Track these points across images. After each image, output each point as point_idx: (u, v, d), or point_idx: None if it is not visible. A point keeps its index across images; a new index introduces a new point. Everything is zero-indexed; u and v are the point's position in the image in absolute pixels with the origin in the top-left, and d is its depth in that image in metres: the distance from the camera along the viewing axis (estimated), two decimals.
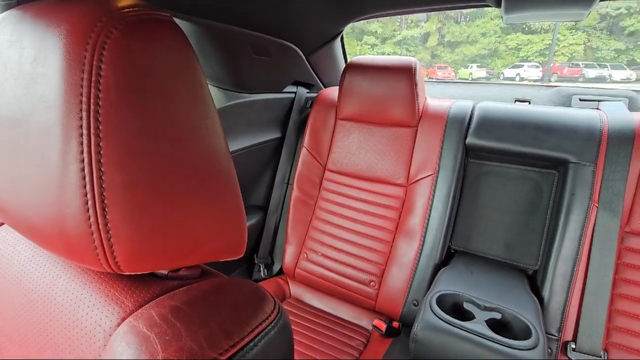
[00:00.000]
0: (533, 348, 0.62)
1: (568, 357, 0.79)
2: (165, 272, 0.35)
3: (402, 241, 1.03)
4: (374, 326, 1.01)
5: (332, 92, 1.24)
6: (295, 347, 0.95)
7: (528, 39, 11.58)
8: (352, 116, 1.15)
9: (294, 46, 1.08)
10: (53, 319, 0.32)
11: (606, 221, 0.80)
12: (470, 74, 12.06)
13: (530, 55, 11.48)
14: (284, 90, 1.24)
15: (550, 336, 0.82)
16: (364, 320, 1.09)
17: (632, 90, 1.09)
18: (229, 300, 0.31)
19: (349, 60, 1.14)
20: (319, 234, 1.16)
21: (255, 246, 1.30)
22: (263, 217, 1.27)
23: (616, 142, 0.82)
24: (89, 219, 0.25)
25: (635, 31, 9.80)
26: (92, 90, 0.24)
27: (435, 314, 0.70)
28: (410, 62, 1.02)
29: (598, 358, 0.76)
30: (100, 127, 0.25)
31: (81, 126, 0.24)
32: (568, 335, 0.81)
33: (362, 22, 1.22)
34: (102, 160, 0.25)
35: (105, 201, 0.25)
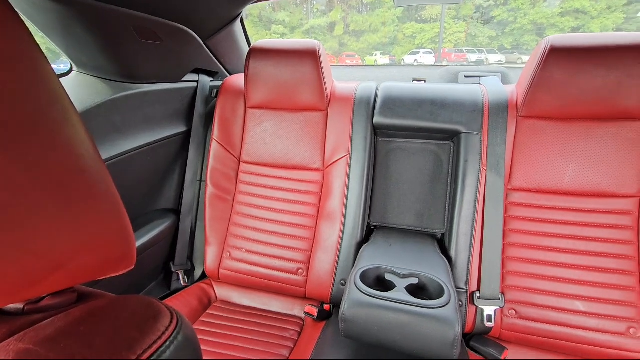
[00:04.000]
0: (446, 304, 0.68)
1: (475, 305, 0.89)
2: (20, 305, 0.27)
3: (324, 225, 1.04)
4: (306, 313, 1.01)
5: (238, 79, 1.17)
6: (226, 352, 0.90)
7: (421, 28, 12.75)
8: (262, 104, 1.10)
9: (188, 30, 0.98)
10: None
11: (493, 182, 0.92)
12: (376, 61, 12.83)
13: (424, 43, 12.67)
14: (184, 79, 1.13)
15: (459, 290, 0.91)
16: (296, 309, 1.08)
17: (504, 67, 1.28)
18: (107, 326, 0.25)
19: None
20: (241, 229, 1.10)
21: (170, 254, 1.18)
22: (176, 221, 1.16)
23: (495, 111, 0.94)
24: None
25: (502, 20, 11.55)
26: None
27: (359, 290, 0.72)
28: (314, 45, 1.01)
29: (497, 300, 0.88)
30: None
31: None
32: (473, 286, 0.91)
33: (269, 11, 1.17)
34: None
35: None
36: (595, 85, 0.82)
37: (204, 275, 1.19)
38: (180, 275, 1.16)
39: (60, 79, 0.32)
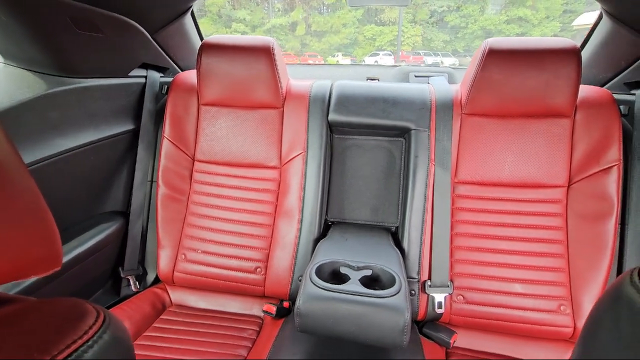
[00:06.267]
0: (396, 293, 0.71)
1: (427, 293, 0.94)
2: None
3: (282, 222, 1.03)
4: (264, 311, 1.00)
5: (190, 75, 1.13)
6: (181, 356, 0.87)
7: (380, 30, 13.11)
8: (216, 101, 1.08)
9: (133, 22, 0.93)
10: None
11: (441, 175, 0.97)
12: (337, 61, 13.01)
13: (383, 45, 13.04)
14: (131, 74, 1.07)
15: (412, 279, 0.95)
16: (255, 309, 1.07)
17: (451, 68, 1.35)
18: (20, 330, 0.24)
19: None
20: (196, 230, 1.07)
21: (118, 258, 1.11)
22: (124, 224, 1.10)
23: (441, 109, 0.99)
24: None
25: (455, 25, 12.20)
26: None
27: (314, 284, 0.73)
28: (268, 42, 1.00)
29: (446, 288, 0.93)
30: None
31: None
32: (425, 275, 0.96)
33: (228, 8, 1.14)
34: None
35: None
36: (528, 85, 0.89)
37: (157, 280, 1.14)
38: (131, 281, 1.10)
39: None
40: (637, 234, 0.88)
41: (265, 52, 0.99)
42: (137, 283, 1.11)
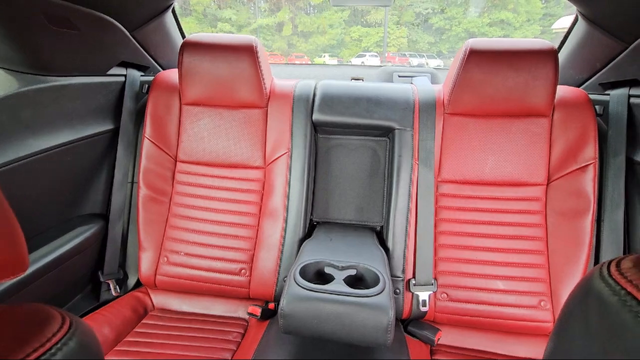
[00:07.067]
0: (380, 292, 0.71)
1: (411, 291, 0.94)
2: None
3: (267, 223, 1.02)
4: (249, 313, 0.99)
5: (172, 74, 1.11)
6: None
7: (367, 32, 13.20)
8: (199, 100, 1.06)
9: (110, 19, 0.91)
10: None
11: (425, 175, 0.98)
12: (324, 62, 13.02)
13: (370, 46, 13.13)
14: (110, 73, 1.04)
15: (396, 278, 0.96)
16: (240, 311, 1.05)
17: (433, 68, 1.37)
18: None
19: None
20: (179, 232, 1.05)
21: (98, 262, 1.08)
22: (104, 226, 1.07)
23: (424, 109, 1.00)
24: None
25: (439, 27, 12.38)
26: None
27: (298, 284, 0.72)
28: (251, 41, 0.99)
29: (431, 286, 0.94)
30: None
31: None
32: (409, 274, 0.97)
33: (214, 8, 1.13)
34: None
35: None
36: (508, 85, 0.91)
37: (138, 284, 1.11)
38: (111, 285, 1.07)
39: None
40: (612, 230, 0.90)
41: (248, 51, 0.98)
42: (117, 287, 1.08)
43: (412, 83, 1.14)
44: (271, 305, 1.02)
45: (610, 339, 0.21)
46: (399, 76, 1.32)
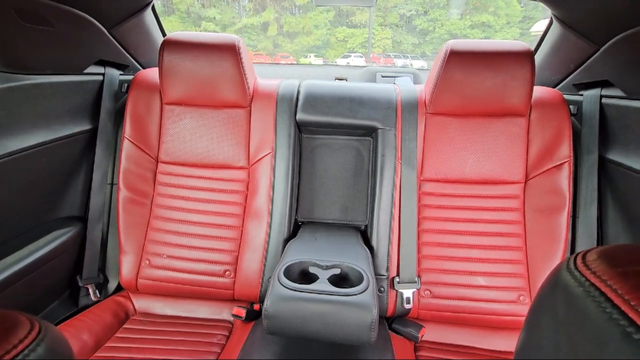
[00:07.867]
0: (364, 291, 0.71)
1: (395, 289, 0.95)
2: None
3: (251, 223, 1.02)
4: (234, 315, 0.98)
5: (152, 73, 1.09)
6: None
7: (352, 32, 13.27)
8: (180, 99, 1.04)
9: (86, 15, 0.88)
10: None
11: (408, 174, 0.99)
12: (310, 62, 13.02)
13: (355, 47, 13.21)
14: (87, 71, 1.02)
15: (380, 276, 0.97)
16: (225, 313, 1.04)
17: (416, 69, 1.39)
18: None
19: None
20: (161, 234, 1.03)
21: (76, 266, 1.05)
22: (82, 229, 1.04)
23: (407, 108, 1.02)
24: None
25: (423, 29, 12.57)
26: None
27: (282, 284, 0.72)
28: (234, 40, 0.98)
29: (414, 283, 0.95)
30: None
31: None
32: (393, 272, 0.98)
33: (197, 7, 1.11)
34: None
35: None
36: (487, 85, 0.93)
37: (119, 288, 1.08)
38: (90, 290, 1.04)
39: None
40: (587, 225, 0.94)
41: (230, 50, 0.97)
42: (97, 292, 1.05)
43: (394, 83, 1.16)
44: (256, 307, 1.01)
45: (575, 329, 0.22)
46: (382, 76, 1.34)
